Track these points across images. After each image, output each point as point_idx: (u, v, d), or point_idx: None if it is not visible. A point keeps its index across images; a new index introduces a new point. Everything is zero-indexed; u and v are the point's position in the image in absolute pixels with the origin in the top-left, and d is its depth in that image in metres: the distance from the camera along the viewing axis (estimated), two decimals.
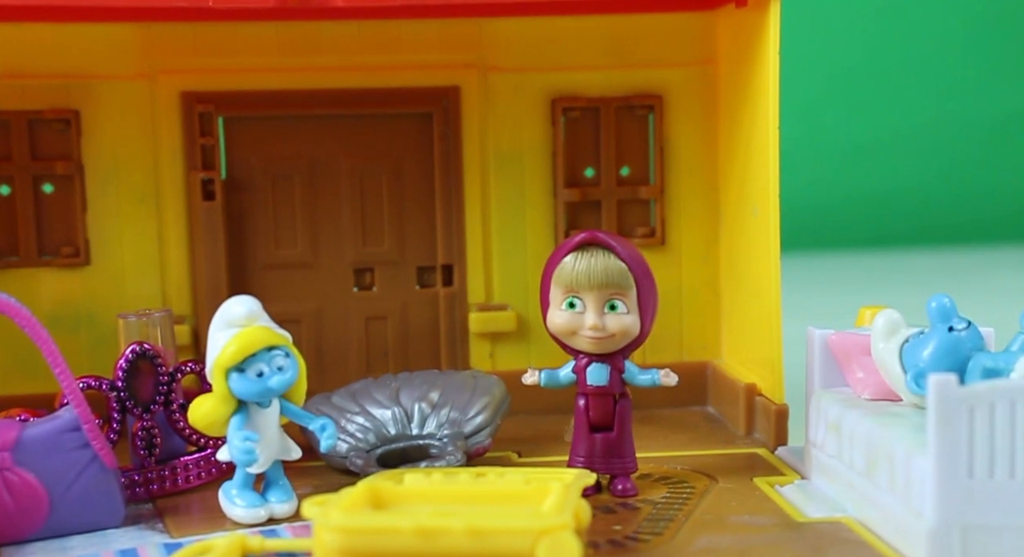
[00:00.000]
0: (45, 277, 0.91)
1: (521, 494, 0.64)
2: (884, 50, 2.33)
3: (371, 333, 0.96)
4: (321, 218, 0.94)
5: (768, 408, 0.84)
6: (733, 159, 0.91)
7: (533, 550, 0.57)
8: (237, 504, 0.71)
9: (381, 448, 0.80)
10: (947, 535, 0.59)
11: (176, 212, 0.92)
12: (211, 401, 0.70)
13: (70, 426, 0.69)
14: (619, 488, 0.74)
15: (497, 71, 0.94)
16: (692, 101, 0.95)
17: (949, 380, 0.59)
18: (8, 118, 0.90)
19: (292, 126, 0.93)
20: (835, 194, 2.26)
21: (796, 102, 1.50)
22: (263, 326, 0.69)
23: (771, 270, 0.82)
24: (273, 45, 0.91)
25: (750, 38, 0.85)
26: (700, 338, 0.97)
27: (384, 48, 0.92)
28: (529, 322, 0.95)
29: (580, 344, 0.72)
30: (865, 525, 0.67)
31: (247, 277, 0.94)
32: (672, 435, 0.88)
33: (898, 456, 0.63)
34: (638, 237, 0.95)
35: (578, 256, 0.71)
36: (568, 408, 0.75)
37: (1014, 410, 0.59)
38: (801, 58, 2.04)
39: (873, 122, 2.32)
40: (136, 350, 0.75)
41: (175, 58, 0.91)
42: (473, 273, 0.95)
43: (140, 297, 0.91)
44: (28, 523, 0.68)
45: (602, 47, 0.94)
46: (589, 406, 0.74)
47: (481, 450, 0.81)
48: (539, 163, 0.95)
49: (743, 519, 0.69)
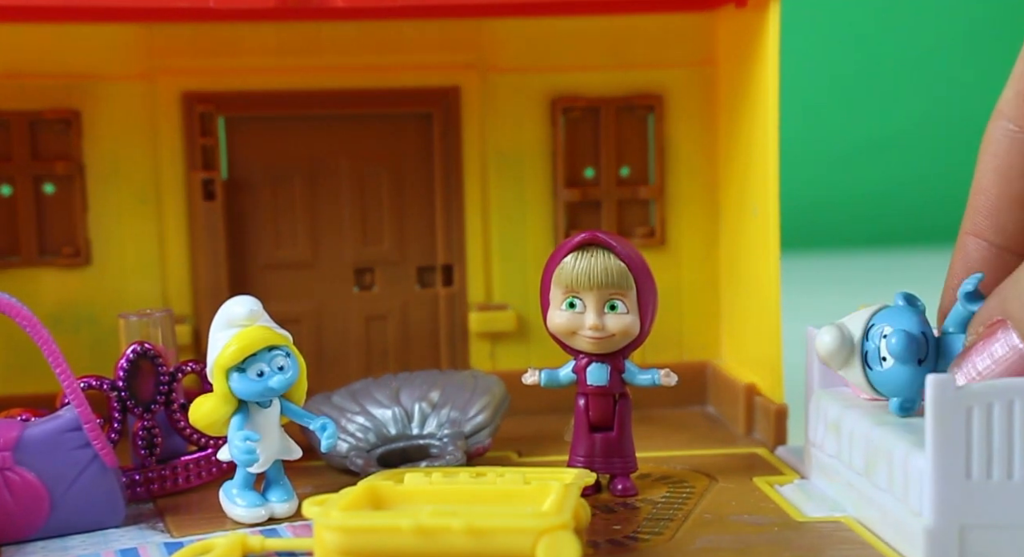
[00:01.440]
0: (46, 277, 0.91)
1: (521, 494, 0.64)
2: (884, 50, 2.33)
3: (371, 333, 0.96)
4: (321, 218, 0.94)
5: (767, 408, 0.84)
6: (733, 159, 0.91)
7: (533, 549, 0.57)
8: (238, 504, 0.71)
9: (381, 448, 0.80)
10: (945, 535, 0.59)
11: (177, 212, 0.92)
12: (212, 401, 0.70)
13: (71, 426, 0.69)
14: (619, 488, 0.74)
15: (497, 71, 0.94)
16: (692, 101, 0.95)
17: (947, 381, 0.59)
18: (8, 118, 0.90)
19: (292, 126, 0.93)
20: (835, 194, 2.26)
21: (796, 102, 1.50)
22: (264, 326, 0.70)
23: (771, 270, 0.82)
24: (273, 45, 0.91)
25: (750, 38, 0.85)
26: (700, 338, 0.97)
27: (384, 48, 0.93)
28: (529, 322, 0.95)
29: (580, 344, 0.72)
30: (864, 524, 0.67)
31: (247, 277, 0.94)
32: (672, 435, 0.88)
33: (897, 456, 0.63)
34: (638, 237, 0.95)
35: (578, 256, 0.71)
36: (568, 408, 0.75)
37: (1012, 410, 0.59)
38: (801, 58, 2.04)
39: (873, 122, 2.32)
40: (137, 350, 0.75)
41: (176, 58, 0.91)
42: (473, 273, 0.95)
43: (141, 297, 0.92)
44: (29, 522, 0.68)
45: (602, 47, 0.94)
46: (589, 406, 0.74)
47: (481, 450, 0.81)
48: (539, 163, 0.95)
49: (743, 519, 0.69)
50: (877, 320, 0.68)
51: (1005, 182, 0.68)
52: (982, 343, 0.62)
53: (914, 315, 0.67)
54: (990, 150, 0.68)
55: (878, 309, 0.68)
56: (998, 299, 0.62)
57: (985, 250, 0.68)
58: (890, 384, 0.67)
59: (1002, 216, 0.68)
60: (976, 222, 0.69)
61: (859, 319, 0.68)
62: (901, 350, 0.65)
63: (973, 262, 0.69)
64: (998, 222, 0.68)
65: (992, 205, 0.68)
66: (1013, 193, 0.68)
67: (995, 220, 0.68)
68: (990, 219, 0.68)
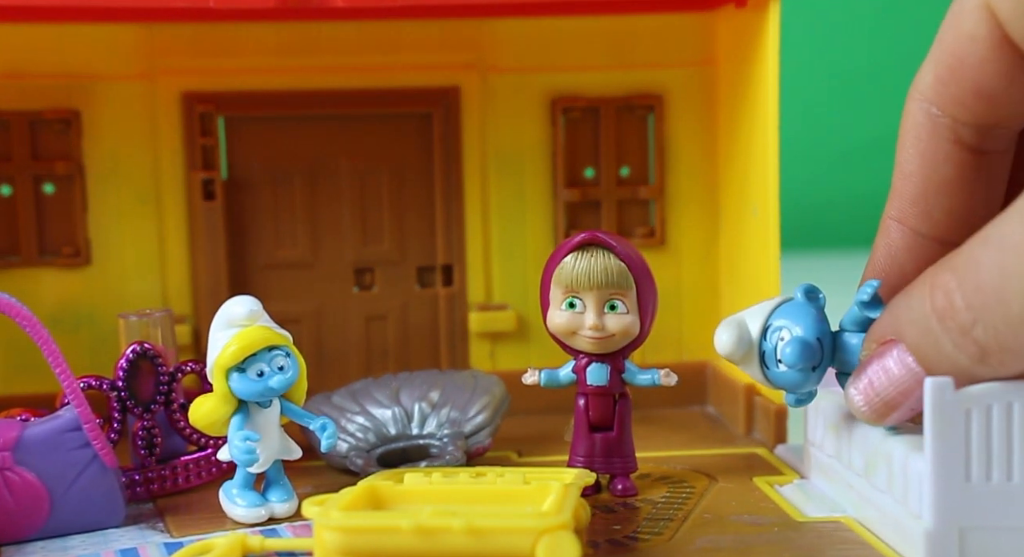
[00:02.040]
0: (46, 277, 0.91)
1: (521, 494, 0.64)
2: (884, 50, 2.33)
3: (371, 333, 0.96)
4: (321, 218, 0.94)
5: (767, 408, 0.84)
6: (733, 159, 0.91)
7: (533, 549, 0.57)
8: (238, 503, 0.71)
9: (381, 448, 0.80)
10: (945, 537, 0.59)
11: (177, 212, 0.92)
12: (212, 401, 0.70)
13: (71, 426, 0.69)
14: (619, 488, 0.74)
15: (497, 71, 0.94)
16: (692, 101, 0.95)
17: (945, 384, 0.59)
18: (9, 118, 0.90)
19: (292, 126, 0.93)
20: (835, 194, 2.26)
21: (796, 102, 1.49)
22: (264, 326, 0.70)
23: (771, 270, 0.82)
24: (273, 45, 0.92)
25: (750, 38, 0.85)
26: (700, 338, 0.97)
27: (384, 48, 0.92)
28: (529, 322, 0.95)
29: (580, 344, 0.72)
30: (864, 525, 0.67)
31: (247, 277, 0.94)
32: (672, 435, 0.88)
33: (896, 457, 0.63)
34: (638, 237, 0.95)
35: (578, 256, 0.71)
36: (568, 408, 0.75)
37: (1010, 412, 0.59)
38: (801, 58, 2.04)
39: (873, 122, 2.31)
40: (137, 350, 0.75)
41: (176, 58, 0.91)
42: (473, 273, 0.95)
43: (141, 297, 0.92)
44: (29, 522, 0.68)
45: (602, 47, 0.94)
46: (589, 406, 0.74)
47: (481, 450, 0.81)
48: (539, 163, 0.95)
49: (743, 519, 0.69)
50: (775, 319, 0.68)
51: (931, 167, 0.66)
52: (877, 360, 0.62)
53: (812, 316, 0.67)
54: (913, 133, 0.66)
55: (778, 305, 0.68)
56: (891, 317, 0.62)
57: (910, 238, 0.67)
58: (786, 384, 0.68)
59: (928, 202, 0.66)
60: (901, 208, 0.67)
61: (759, 315, 0.69)
62: (795, 360, 0.66)
63: (897, 250, 0.67)
64: (924, 209, 0.66)
65: (917, 190, 0.66)
66: (940, 179, 0.66)
67: (921, 207, 0.66)
68: (916, 206, 0.66)
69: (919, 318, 0.60)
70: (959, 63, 0.63)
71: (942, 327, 0.58)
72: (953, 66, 0.63)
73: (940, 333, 0.58)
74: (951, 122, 0.65)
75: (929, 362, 0.60)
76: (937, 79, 0.64)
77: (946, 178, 0.66)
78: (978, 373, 0.58)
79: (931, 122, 0.65)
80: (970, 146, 0.65)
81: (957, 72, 0.63)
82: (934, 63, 0.64)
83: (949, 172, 0.66)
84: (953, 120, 0.65)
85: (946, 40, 0.63)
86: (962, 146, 0.65)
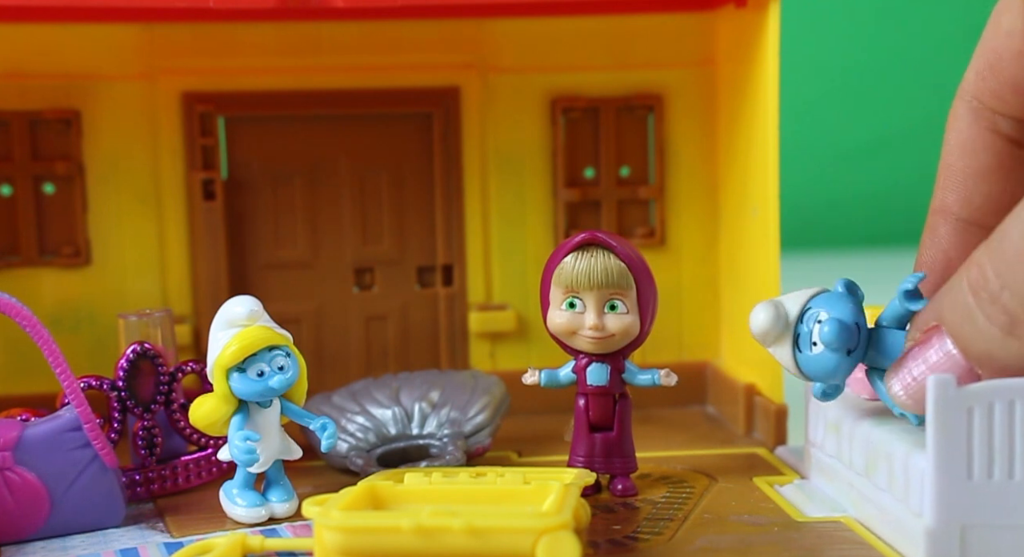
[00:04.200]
0: (46, 277, 0.91)
1: (521, 494, 0.64)
2: (884, 50, 2.33)
3: (371, 333, 0.96)
4: (321, 218, 0.94)
5: (767, 408, 0.84)
6: (733, 159, 0.91)
7: (533, 549, 0.57)
8: (238, 503, 0.71)
9: (381, 448, 0.80)
10: (946, 535, 0.59)
11: (176, 212, 0.92)
12: (212, 401, 0.70)
13: (71, 426, 0.69)
14: (619, 488, 0.74)
15: (497, 71, 0.94)
16: (692, 101, 0.95)
17: (948, 381, 0.59)
18: (8, 118, 0.90)
19: (292, 126, 0.93)
20: (835, 194, 2.26)
21: (796, 102, 1.49)
22: (264, 326, 0.70)
23: (771, 270, 0.82)
24: (273, 45, 0.92)
25: (750, 38, 0.85)
26: (699, 338, 0.97)
27: (384, 48, 0.93)
28: (529, 322, 0.95)
29: (580, 344, 0.72)
30: (864, 524, 0.67)
31: (247, 277, 0.94)
32: (672, 435, 0.88)
33: (897, 456, 0.63)
34: (638, 237, 0.95)
35: (578, 256, 0.71)
36: (568, 408, 0.75)
37: (1012, 410, 0.59)
38: (801, 58, 2.04)
39: (873, 122, 2.32)
40: (137, 350, 0.75)
41: (175, 58, 0.91)
42: (473, 273, 0.95)
43: (140, 297, 0.92)
44: (29, 522, 0.68)
45: (602, 47, 0.94)
46: (589, 406, 0.74)
47: (481, 450, 0.81)
48: (539, 163, 0.95)
49: (743, 519, 0.69)
50: (814, 304, 0.67)
51: (970, 155, 0.67)
52: (918, 349, 0.62)
53: (851, 304, 0.66)
54: (954, 127, 0.68)
55: (817, 293, 0.68)
56: (934, 307, 0.62)
57: (952, 225, 0.68)
58: (816, 369, 0.67)
59: (968, 188, 0.67)
60: (942, 198, 0.68)
61: (797, 299, 0.68)
62: (833, 339, 0.65)
63: (941, 239, 0.68)
64: (964, 195, 0.67)
65: (958, 179, 0.68)
66: (978, 166, 0.67)
67: (961, 194, 0.67)
68: (956, 193, 0.68)
69: (957, 296, 0.60)
70: (997, 58, 0.65)
71: (976, 300, 0.59)
72: (992, 61, 0.65)
73: (974, 306, 0.59)
74: (990, 113, 0.66)
75: (965, 340, 0.60)
76: (977, 74, 0.66)
77: (985, 165, 0.67)
78: (1010, 349, 0.58)
79: (971, 113, 0.67)
80: (1008, 137, 0.67)
81: (995, 66, 0.65)
82: (975, 58, 0.67)
83: (988, 160, 0.67)
84: (992, 112, 0.66)
85: (987, 36, 0.66)
86: (1000, 136, 0.67)
